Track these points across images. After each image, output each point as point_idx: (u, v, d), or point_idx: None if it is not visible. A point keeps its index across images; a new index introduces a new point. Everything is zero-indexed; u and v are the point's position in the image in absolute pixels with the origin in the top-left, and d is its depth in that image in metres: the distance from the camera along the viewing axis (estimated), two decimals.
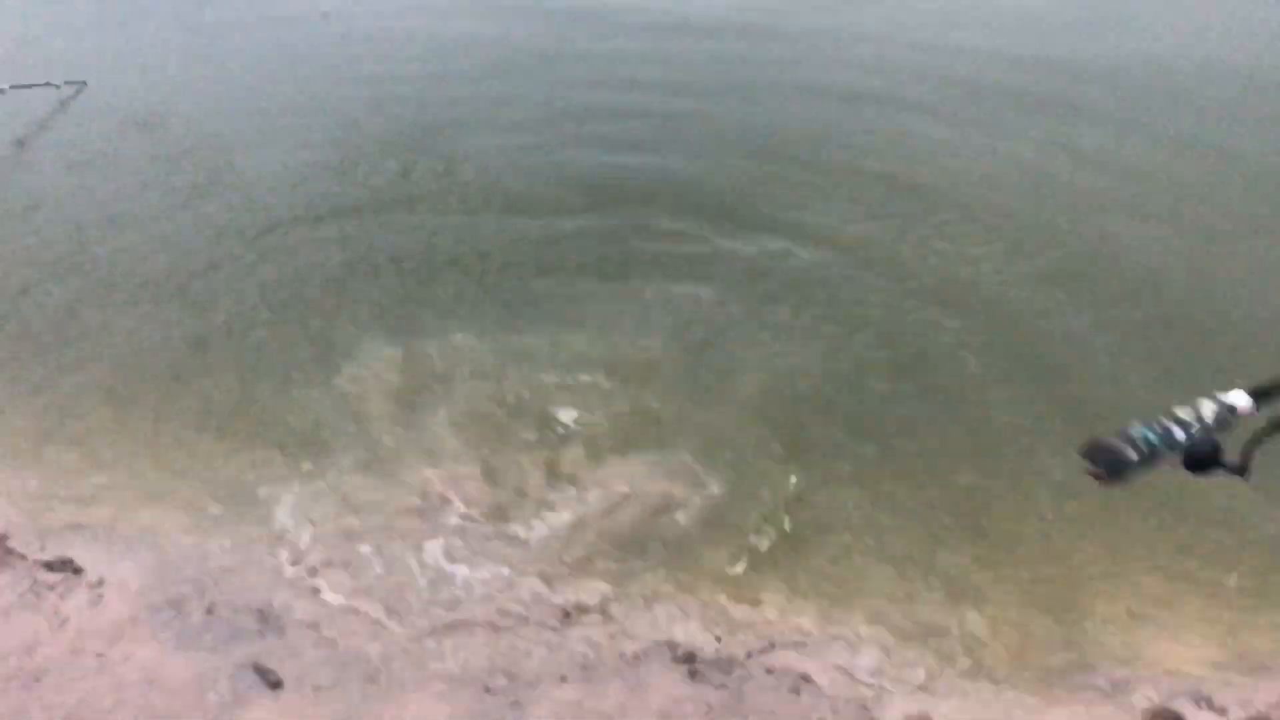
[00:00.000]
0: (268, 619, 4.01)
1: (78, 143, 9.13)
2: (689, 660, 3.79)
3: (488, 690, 3.67)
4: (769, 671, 3.75)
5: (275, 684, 3.71)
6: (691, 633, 3.97)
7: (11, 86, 9.53)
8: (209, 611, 4.06)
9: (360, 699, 3.64)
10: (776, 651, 3.88)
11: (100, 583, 4.22)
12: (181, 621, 4.01)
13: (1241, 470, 1.89)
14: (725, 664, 3.78)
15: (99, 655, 3.83)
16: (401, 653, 3.85)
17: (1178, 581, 4.21)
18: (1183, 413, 1.67)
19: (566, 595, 4.16)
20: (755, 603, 4.14)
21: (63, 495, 4.76)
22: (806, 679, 3.72)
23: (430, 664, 3.79)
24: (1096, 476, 1.50)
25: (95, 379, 5.65)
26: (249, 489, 4.81)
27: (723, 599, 4.16)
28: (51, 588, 4.19)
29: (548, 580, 4.23)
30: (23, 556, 4.39)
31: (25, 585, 4.20)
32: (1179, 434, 1.61)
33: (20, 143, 9.29)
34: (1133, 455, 1.48)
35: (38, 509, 4.69)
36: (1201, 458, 1.89)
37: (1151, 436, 1.54)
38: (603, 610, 4.08)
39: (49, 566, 4.32)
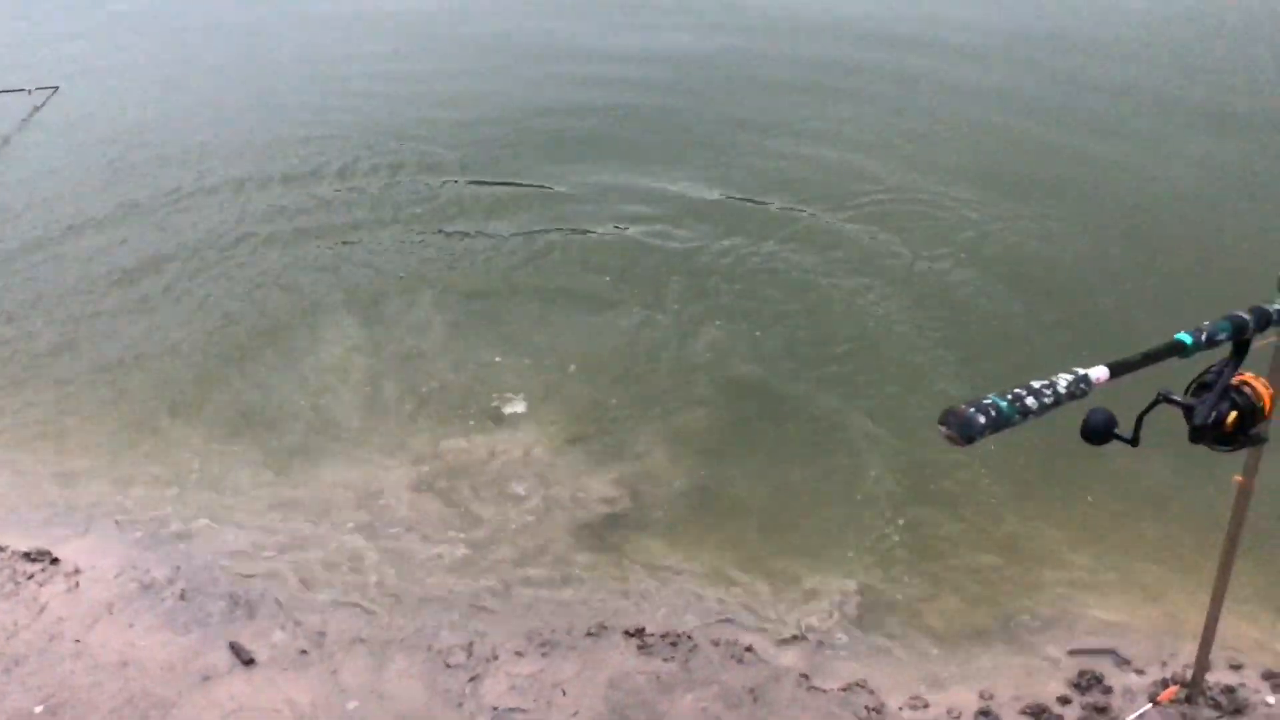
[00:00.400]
0: (239, 602, 4.20)
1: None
2: (639, 634, 4.01)
3: (448, 666, 3.88)
4: (715, 643, 3.97)
5: (248, 661, 3.90)
6: (642, 609, 4.19)
7: None
8: (182, 597, 4.24)
9: (328, 674, 3.83)
10: (723, 625, 4.10)
11: (77, 571, 4.40)
12: (156, 606, 4.20)
13: (1133, 440, 2.13)
14: (674, 637, 3.99)
15: (76, 640, 4.01)
16: (366, 630, 4.05)
17: (1104, 549, 4.47)
18: (1038, 384, 1.83)
19: (521, 574, 4.37)
20: (704, 578, 4.36)
21: (41, 486, 4.94)
22: (750, 649, 3.94)
23: (392, 640, 3.98)
24: (950, 439, 1.69)
25: (70, 373, 5.87)
26: (220, 476, 5.03)
27: (673, 576, 4.38)
28: (30, 577, 4.37)
29: (503, 560, 4.45)
30: (2, 547, 4.56)
31: (4, 575, 4.37)
32: (1031, 402, 1.76)
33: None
34: (981, 419, 1.65)
35: (16, 501, 4.88)
36: (1097, 427, 2.13)
37: (1003, 404, 1.71)
38: (558, 589, 4.30)
39: (28, 556, 4.50)
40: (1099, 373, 1.92)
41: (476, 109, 10.28)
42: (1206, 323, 2.11)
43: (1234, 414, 2.24)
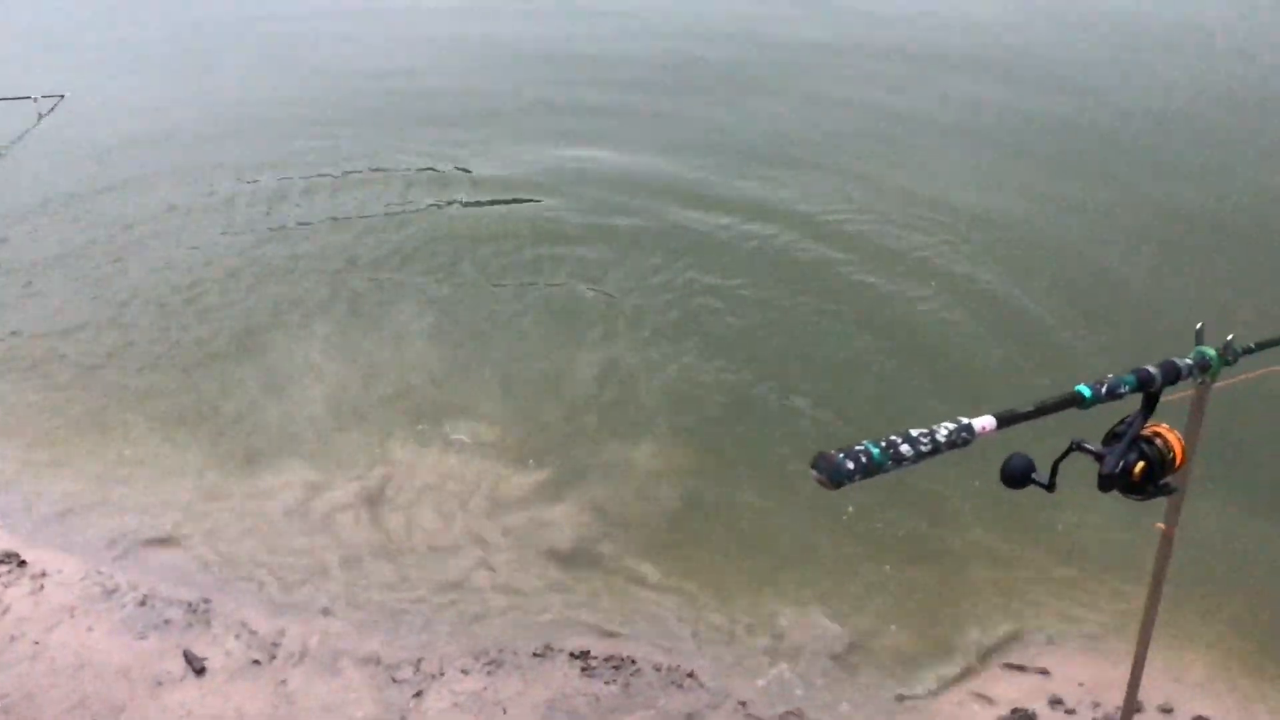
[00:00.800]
0: (196, 610, 4.30)
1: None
2: (584, 656, 4.10)
3: (395, 680, 3.97)
4: (657, 668, 4.06)
5: (200, 670, 4.00)
6: (591, 631, 4.28)
7: None
8: (142, 603, 4.35)
9: (276, 684, 3.93)
10: (667, 650, 4.18)
11: (43, 574, 4.51)
12: (116, 611, 4.30)
13: (1049, 485, 2.22)
14: (618, 660, 4.08)
15: (36, 642, 4.11)
16: (317, 642, 4.14)
17: (1045, 589, 4.55)
18: (916, 431, 1.88)
19: (475, 593, 4.46)
20: (658, 603, 4.45)
21: (10, 489, 5.06)
22: (691, 675, 4.03)
23: (343, 653, 4.08)
24: (820, 482, 1.74)
25: (53, 381, 5.99)
26: (190, 486, 5.16)
27: (627, 600, 4.47)
28: None
29: (457, 578, 4.55)
30: None
31: None
32: (906, 450, 1.80)
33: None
34: (850, 465, 1.71)
35: None
36: (1014, 472, 2.22)
37: (875, 451, 1.75)
38: (510, 608, 4.39)
39: None
40: (984, 422, 1.97)
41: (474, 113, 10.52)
42: (1110, 375, 2.20)
43: (1141, 464, 2.33)
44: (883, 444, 1.78)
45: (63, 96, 10.79)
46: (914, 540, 4.86)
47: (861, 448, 1.74)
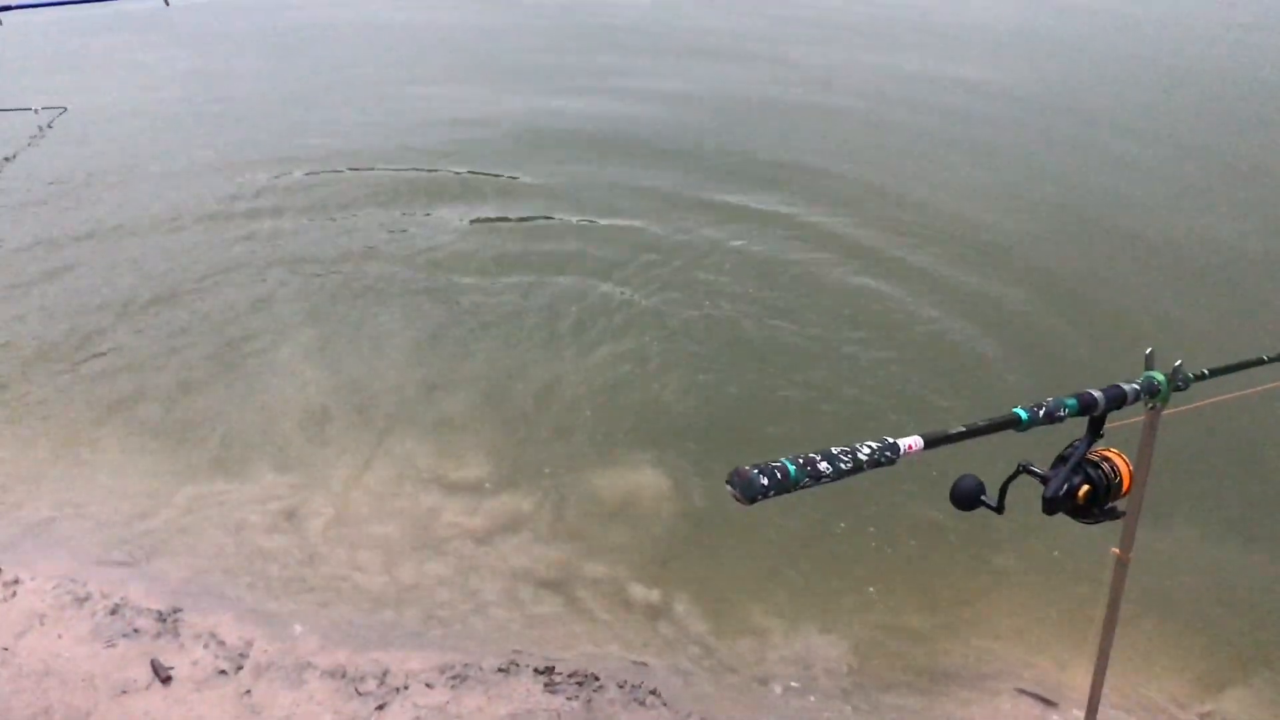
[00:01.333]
0: (165, 619, 4.32)
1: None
2: (548, 672, 4.11)
3: (359, 693, 3.98)
4: (621, 685, 4.07)
5: (166, 679, 4.02)
6: (558, 648, 4.30)
7: None
8: (112, 611, 4.37)
9: (240, 694, 3.94)
10: (635, 667, 4.20)
11: (16, 581, 4.54)
12: (86, 619, 4.33)
13: (998, 507, 2.24)
14: (582, 677, 4.10)
15: (4, 649, 4.14)
16: (284, 653, 4.16)
17: (1007, 611, 4.56)
18: (838, 449, 1.90)
19: (445, 607, 4.49)
20: (628, 622, 4.47)
21: None
22: (654, 693, 4.04)
23: (308, 665, 4.10)
24: (735, 497, 1.76)
25: (33, 392, 6.04)
26: (169, 495, 5.18)
27: (597, 618, 4.49)
28: None
29: (428, 592, 4.58)
30: None
31: None
32: (825, 467, 1.82)
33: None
34: (764, 481, 1.72)
35: None
36: (964, 494, 2.24)
37: (791, 468, 1.76)
38: (479, 624, 4.41)
39: None
40: (910, 441, 1.98)
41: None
42: (1050, 399, 2.21)
43: (1086, 488, 2.35)
44: (800, 460, 1.79)
45: (64, 109, 10.91)
46: (901, 561, 4.88)
47: (778, 464, 1.76)
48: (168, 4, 10.64)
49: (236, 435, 5.70)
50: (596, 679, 4.10)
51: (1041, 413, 2.14)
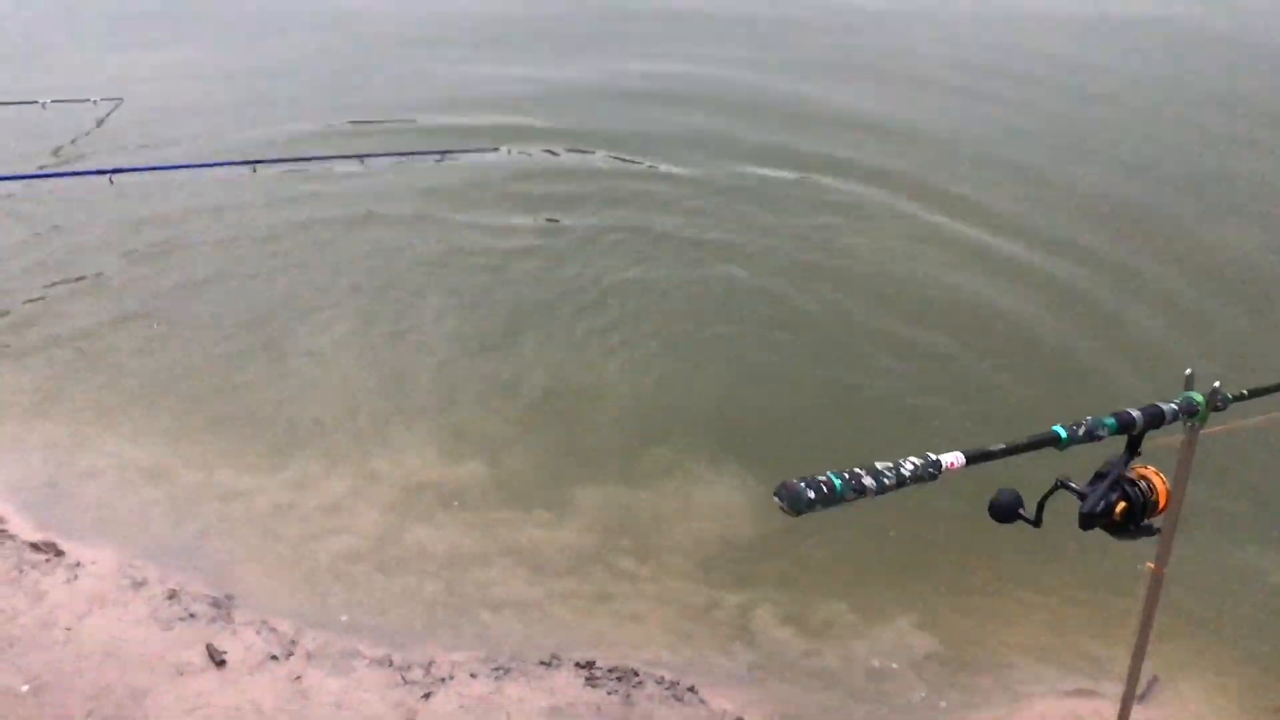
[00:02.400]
0: (220, 605, 4.48)
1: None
2: (589, 666, 4.22)
3: (405, 681, 4.11)
4: (659, 681, 4.16)
5: (220, 663, 4.17)
6: (599, 643, 4.41)
7: (52, 101, 10.21)
8: (170, 596, 4.53)
9: (292, 679, 4.09)
10: (673, 664, 4.29)
11: (78, 564, 4.72)
12: (145, 603, 4.49)
13: (1036, 521, 2.30)
14: (621, 672, 4.20)
15: (68, 629, 4.31)
16: (335, 641, 4.30)
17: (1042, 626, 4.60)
18: (882, 465, 1.95)
19: (492, 601, 4.61)
20: (667, 619, 4.57)
21: (55, 483, 5.29)
22: (692, 689, 4.13)
23: (357, 654, 4.23)
24: (783, 510, 1.82)
25: (100, 377, 6.25)
26: (225, 483, 5.35)
27: (639, 615, 4.59)
28: (35, 566, 4.68)
29: (475, 585, 4.70)
30: (13, 537, 4.89)
31: (11, 563, 4.69)
32: (869, 482, 1.87)
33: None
34: (811, 494, 1.78)
35: (33, 495, 5.23)
36: (1003, 507, 2.30)
37: (837, 482, 1.82)
38: (525, 618, 4.53)
39: (35, 547, 4.82)
40: (952, 458, 2.04)
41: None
42: (1089, 418, 2.26)
43: (1123, 504, 2.40)
44: (846, 475, 1.84)
45: (120, 100, 11.12)
46: (948, 566, 4.92)
47: (824, 478, 1.81)
48: None
49: (293, 427, 5.84)
50: (636, 674, 4.19)
51: (1081, 431, 2.18)
